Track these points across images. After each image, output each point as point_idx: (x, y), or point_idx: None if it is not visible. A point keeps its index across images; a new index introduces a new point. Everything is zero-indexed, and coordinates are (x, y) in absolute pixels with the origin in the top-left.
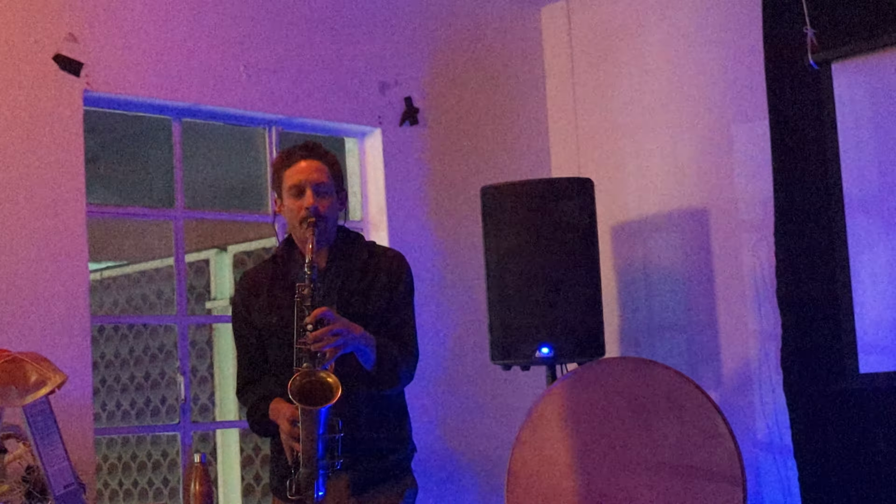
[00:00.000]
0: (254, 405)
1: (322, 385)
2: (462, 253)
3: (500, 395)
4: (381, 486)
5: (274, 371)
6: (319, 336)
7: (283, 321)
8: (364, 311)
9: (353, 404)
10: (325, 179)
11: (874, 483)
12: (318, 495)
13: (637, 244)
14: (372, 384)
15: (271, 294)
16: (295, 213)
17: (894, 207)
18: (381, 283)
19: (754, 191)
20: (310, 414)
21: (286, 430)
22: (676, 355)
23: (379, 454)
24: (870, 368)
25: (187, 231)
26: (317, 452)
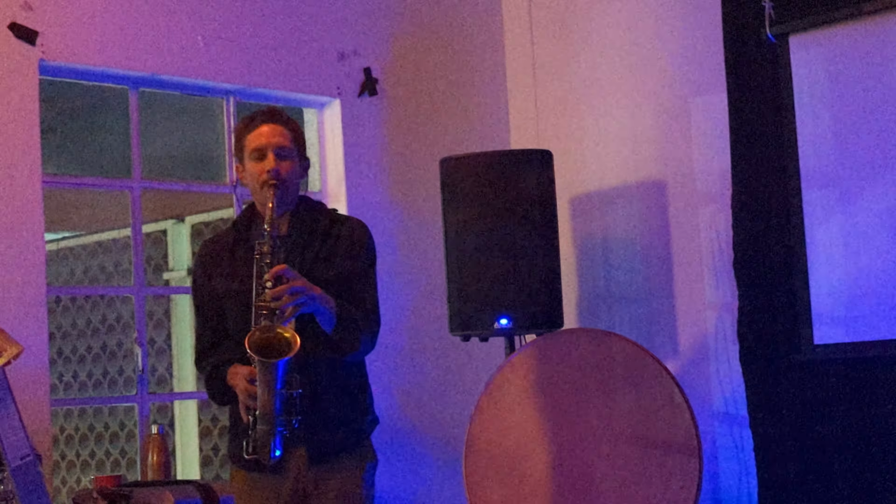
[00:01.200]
0: (212, 372)
1: (280, 340)
2: (421, 224)
3: (458, 366)
4: (339, 457)
5: (233, 337)
6: (278, 293)
7: (243, 287)
8: (325, 277)
9: (313, 373)
10: (288, 144)
11: (828, 454)
12: (274, 454)
13: (595, 216)
14: (332, 348)
15: (232, 260)
16: (256, 177)
17: (850, 181)
18: (342, 249)
19: (712, 163)
20: (267, 369)
21: (243, 388)
22: (634, 326)
23: (338, 424)
24: (824, 340)
25: (144, 201)
26: (274, 409)
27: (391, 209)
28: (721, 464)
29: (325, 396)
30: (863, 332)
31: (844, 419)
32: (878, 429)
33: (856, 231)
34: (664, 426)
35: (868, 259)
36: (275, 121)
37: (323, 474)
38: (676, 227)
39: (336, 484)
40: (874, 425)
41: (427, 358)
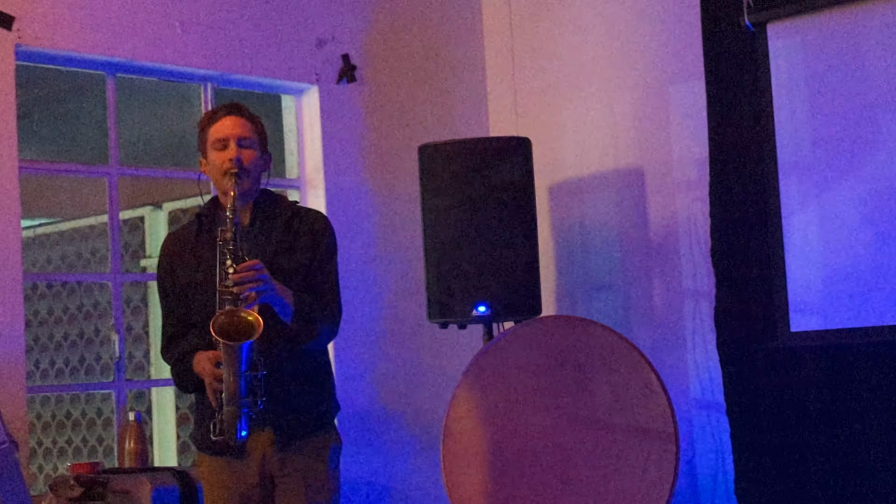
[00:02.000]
0: (178, 360)
1: (244, 323)
2: (399, 211)
3: (436, 353)
4: (304, 440)
5: (198, 328)
6: (241, 279)
7: (207, 277)
8: (286, 268)
9: (276, 359)
10: (250, 135)
11: (804, 439)
12: (240, 435)
13: (574, 203)
14: (291, 338)
15: (196, 251)
16: (218, 166)
17: (827, 169)
18: (303, 241)
19: (690, 151)
20: (232, 351)
21: (210, 371)
22: (612, 314)
23: (303, 408)
24: (800, 327)
25: (122, 188)
26: (239, 390)
27: (369, 196)
28: (698, 449)
29: (289, 382)
30: (839, 319)
31: (820, 406)
32: (852, 415)
33: (832, 219)
34: (641, 412)
35: (844, 247)
36: (237, 114)
37: (288, 457)
38: (654, 214)
39: (301, 466)
40: (849, 412)
41: (405, 345)
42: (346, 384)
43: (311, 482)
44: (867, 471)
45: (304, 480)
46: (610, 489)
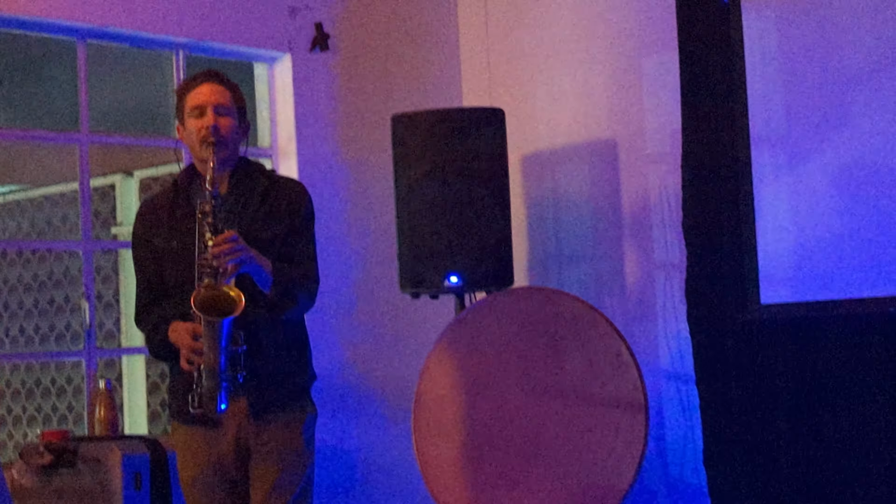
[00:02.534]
0: (153, 329)
1: (225, 298)
2: (372, 181)
3: (408, 323)
4: (280, 410)
5: (173, 295)
6: (220, 251)
7: (183, 245)
8: (264, 237)
9: (253, 330)
10: (228, 103)
11: (773, 411)
12: (220, 408)
13: (546, 175)
14: (270, 308)
15: (172, 219)
16: (196, 134)
17: (799, 142)
18: (281, 209)
19: (663, 123)
20: (213, 327)
21: (188, 344)
22: (583, 285)
23: (279, 379)
24: (771, 299)
25: (92, 155)
26: (219, 365)
27: (342, 166)
28: (667, 420)
29: (266, 352)
30: (809, 292)
31: (789, 378)
32: (821, 387)
33: (804, 192)
34: (611, 383)
35: (815, 220)
36: (215, 81)
37: (263, 427)
38: (626, 186)
39: (275, 436)
40: (818, 384)
41: (377, 315)
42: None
43: (285, 452)
44: (836, 442)
45: (278, 450)
46: (580, 459)
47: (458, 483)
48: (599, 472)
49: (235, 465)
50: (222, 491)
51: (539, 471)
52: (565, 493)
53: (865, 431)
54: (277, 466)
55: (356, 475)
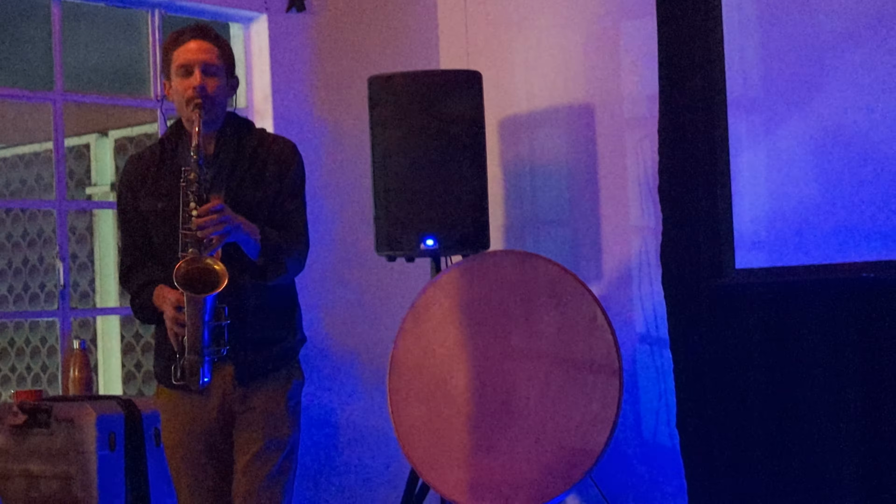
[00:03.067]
0: (137, 291)
1: (208, 272)
2: (348, 143)
3: (384, 286)
4: (266, 375)
5: (159, 257)
6: (205, 223)
7: (169, 206)
8: (253, 200)
9: (239, 294)
10: (215, 61)
11: (746, 375)
12: (203, 381)
13: (523, 138)
14: (258, 274)
15: (158, 179)
16: (182, 93)
17: (776, 108)
18: (270, 171)
19: (640, 88)
20: (195, 301)
21: (171, 315)
22: (559, 249)
23: (265, 344)
24: (745, 264)
25: (67, 115)
26: (202, 339)
27: (318, 127)
28: (641, 384)
29: (253, 318)
30: (783, 257)
31: (762, 342)
32: (795, 352)
33: (779, 157)
34: (586, 347)
35: (790, 185)
36: (203, 37)
37: (249, 393)
38: (603, 151)
39: (262, 402)
40: (792, 348)
41: (353, 277)
42: None
43: (271, 418)
44: (807, 406)
45: (264, 417)
46: (554, 421)
47: (434, 445)
48: (574, 435)
49: (220, 430)
50: (206, 456)
51: (514, 433)
52: (540, 455)
53: (837, 394)
54: (262, 434)
55: (331, 438)
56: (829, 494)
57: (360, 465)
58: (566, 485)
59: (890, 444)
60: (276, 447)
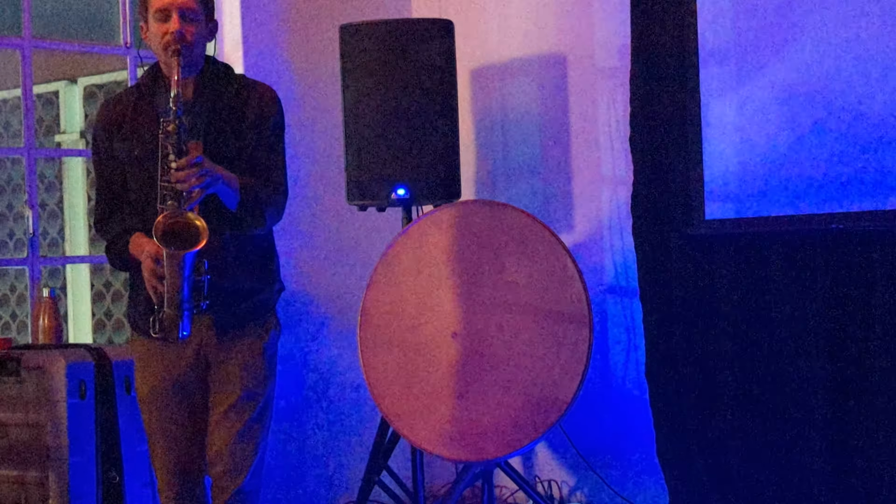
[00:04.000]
0: (113, 239)
1: (189, 227)
2: (319, 92)
3: (355, 236)
4: (245, 326)
5: (135, 204)
6: (185, 176)
7: (145, 153)
8: (232, 148)
9: (218, 246)
10: (193, 5)
11: (715, 324)
12: (182, 334)
13: (495, 88)
14: (237, 225)
15: (134, 124)
16: (159, 39)
17: (748, 58)
18: (250, 118)
19: (612, 38)
20: (175, 256)
21: (149, 268)
22: (531, 199)
23: (244, 295)
24: (715, 215)
25: (35, 61)
26: (181, 294)
27: (289, 75)
28: (610, 333)
29: (231, 269)
30: (753, 207)
31: (732, 292)
32: (763, 302)
33: (751, 108)
34: (556, 297)
35: (761, 137)
36: None
37: (226, 343)
38: (575, 101)
39: (239, 353)
40: (760, 298)
41: (324, 227)
42: None
43: (247, 369)
44: (776, 356)
45: (240, 367)
46: (524, 371)
47: (404, 393)
48: (544, 384)
49: (195, 379)
50: (180, 405)
51: (484, 382)
52: (510, 403)
53: (805, 343)
54: (238, 384)
55: (302, 387)
56: (798, 438)
57: (330, 414)
58: (536, 433)
59: (857, 390)
60: (252, 398)
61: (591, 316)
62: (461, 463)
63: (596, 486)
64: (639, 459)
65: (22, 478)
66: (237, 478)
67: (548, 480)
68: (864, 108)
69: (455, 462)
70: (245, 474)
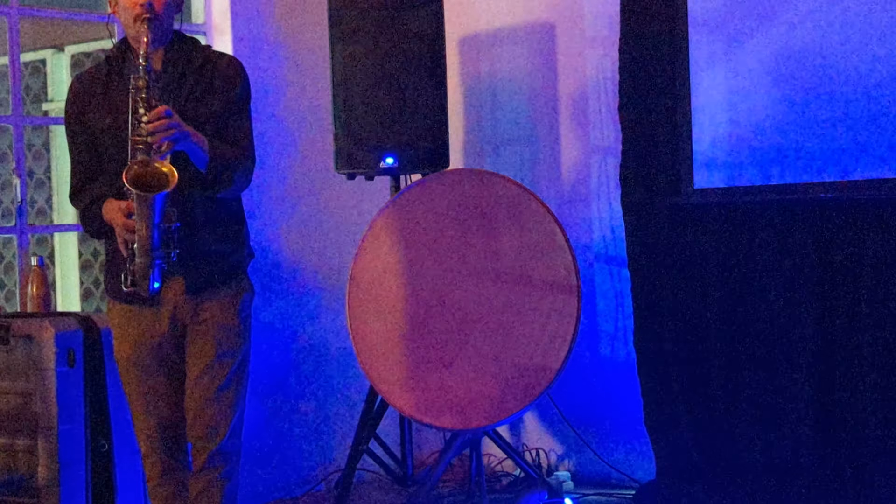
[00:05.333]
0: (87, 206)
1: (157, 175)
2: (308, 60)
3: (344, 204)
4: (216, 288)
5: (108, 173)
6: (155, 128)
7: (118, 122)
8: (200, 115)
9: (188, 206)
10: None
11: (703, 293)
12: (153, 287)
13: (484, 57)
14: (206, 186)
15: (106, 95)
16: (129, 10)
17: (737, 27)
18: (217, 87)
19: (601, 6)
20: (145, 202)
21: (121, 222)
22: (519, 168)
23: (214, 256)
24: (704, 184)
25: (23, 29)
26: (152, 242)
27: (278, 44)
28: (599, 302)
29: (202, 230)
30: (741, 176)
31: (720, 261)
32: (751, 270)
33: (740, 78)
34: (545, 265)
35: (750, 106)
36: None
37: (200, 305)
38: (564, 70)
39: (213, 313)
40: (748, 267)
41: (313, 195)
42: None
43: (222, 330)
44: (765, 325)
45: (215, 328)
46: (513, 339)
47: (393, 362)
48: (533, 352)
49: (171, 343)
50: (158, 369)
51: (473, 350)
52: (498, 372)
53: (793, 312)
54: (213, 345)
55: (290, 354)
56: (785, 406)
57: (318, 382)
58: (524, 401)
59: (844, 358)
60: (228, 358)
61: (579, 285)
62: (449, 431)
63: (584, 454)
64: (626, 428)
65: (11, 446)
66: (215, 437)
67: (536, 449)
68: (854, 76)
69: (443, 430)
70: (223, 434)
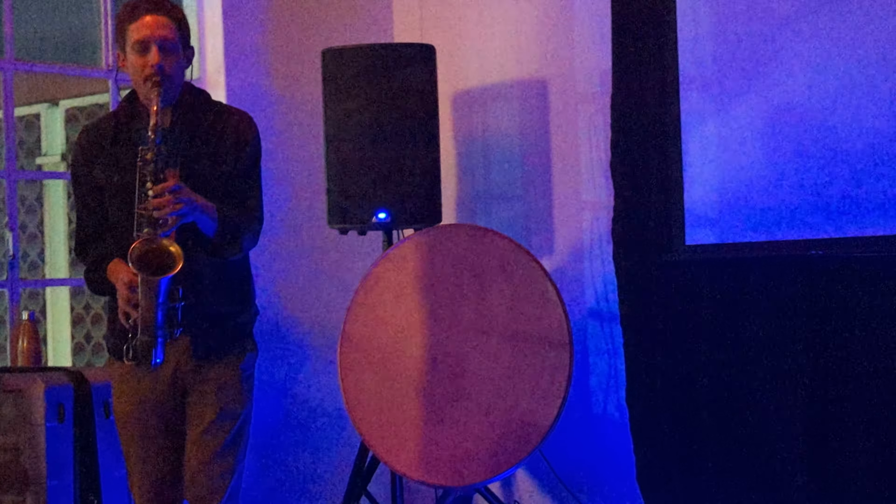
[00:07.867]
0: (92, 264)
1: (164, 253)
2: (301, 116)
3: (336, 259)
4: (222, 349)
5: (113, 231)
6: (162, 203)
7: (124, 179)
8: (209, 174)
9: (194, 270)
10: (172, 36)
11: (694, 350)
12: (155, 361)
13: (476, 113)
14: (214, 252)
15: (113, 151)
16: (139, 71)
17: (728, 85)
18: (227, 145)
19: (593, 63)
20: (150, 283)
21: (124, 296)
22: (511, 224)
23: (222, 319)
24: (696, 240)
25: (17, 84)
26: (156, 321)
27: (271, 99)
28: (591, 359)
29: (210, 292)
30: (733, 233)
31: (712, 317)
32: (743, 327)
33: (731, 135)
34: (537, 321)
35: (741, 163)
36: (159, 11)
37: (202, 366)
38: (556, 125)
39: (215, 375)
40: (740, 323)
41: (305, 250)
42: None
43: (224, 390)
44: (757, 383)
45: (217, 389)
46: (504, 396)
47: (384, 418)
48: (524, 409)
49: (172, 402)
50: (157, 427)
51: (464, 407)
52: (489, 429)
53: (785, 370)
54: (215, 406)
55: (282, 411)
56: (778, 463)
57: (310, 439)
58: (516, 458)
59: (836, 416)
60: (229, 419)
61: (571, 340)
62: (441, 488)
63: None
64: (619, 484)
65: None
66: (213, 499)
67: None
68: (845, 134)
69: (435, 487)
70: (221, 496)
